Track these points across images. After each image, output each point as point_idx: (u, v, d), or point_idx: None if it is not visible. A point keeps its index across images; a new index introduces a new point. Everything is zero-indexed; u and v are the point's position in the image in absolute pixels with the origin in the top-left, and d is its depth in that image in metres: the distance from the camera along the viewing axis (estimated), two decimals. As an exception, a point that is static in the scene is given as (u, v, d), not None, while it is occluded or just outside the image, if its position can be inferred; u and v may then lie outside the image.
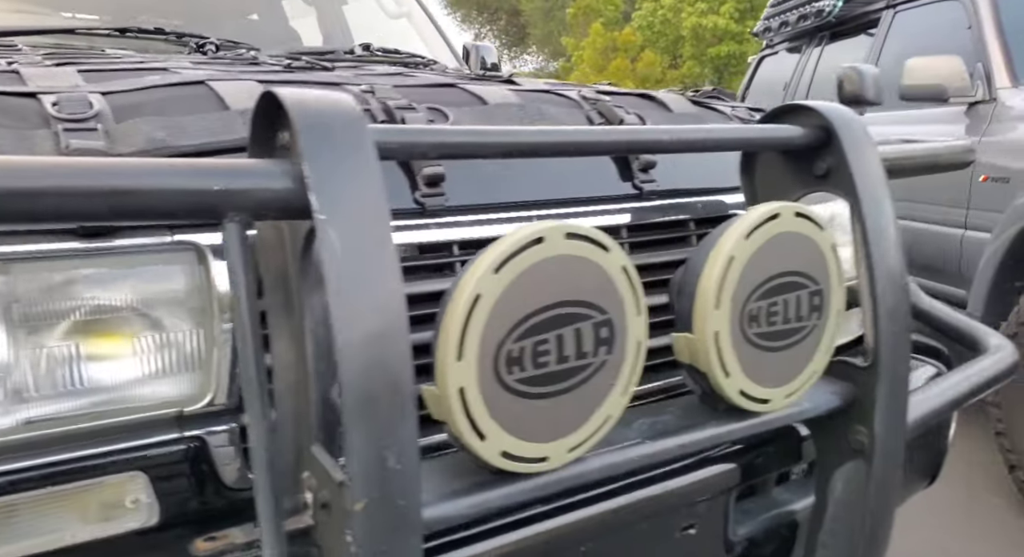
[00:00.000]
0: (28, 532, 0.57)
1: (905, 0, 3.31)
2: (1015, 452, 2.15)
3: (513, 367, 0.58)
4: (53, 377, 0.58)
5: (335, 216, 0.49)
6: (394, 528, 0.51)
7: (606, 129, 0.79)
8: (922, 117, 2.88)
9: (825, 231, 0.78)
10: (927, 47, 3.02)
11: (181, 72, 0.81)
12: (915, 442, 1.13)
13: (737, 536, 0.89)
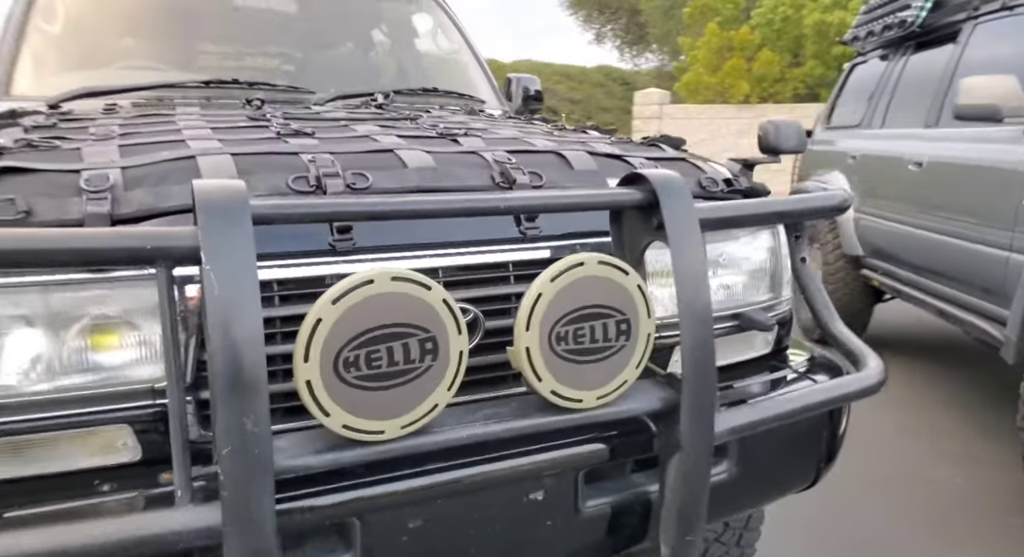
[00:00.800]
0: (56, 457, 0.90)
1: (986, 12, 3.15)
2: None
3: (350, 367, 0.83)
4: (72, 361, 0.91)
5: (214, 263, 0.76)
6: (250, 469, 0.78)
7: (468, 197, 0.99)
8: (979, 136, 2.77)
9: (630, 274, 0.96)
10: (1003, 60, 2.89)
11: (191, 145, 1.12)
12: (770, 445, 1.26)
13: (586, 506, 1.08)
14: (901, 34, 3.73)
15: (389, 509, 0.96)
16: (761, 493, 1.38)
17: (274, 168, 1.04)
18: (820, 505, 2.17)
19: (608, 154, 1.33)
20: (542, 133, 1.58)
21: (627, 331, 0.97)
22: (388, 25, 2.57)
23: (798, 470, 1.38)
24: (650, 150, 1.44)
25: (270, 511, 0.78)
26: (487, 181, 1.14)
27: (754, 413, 1.10)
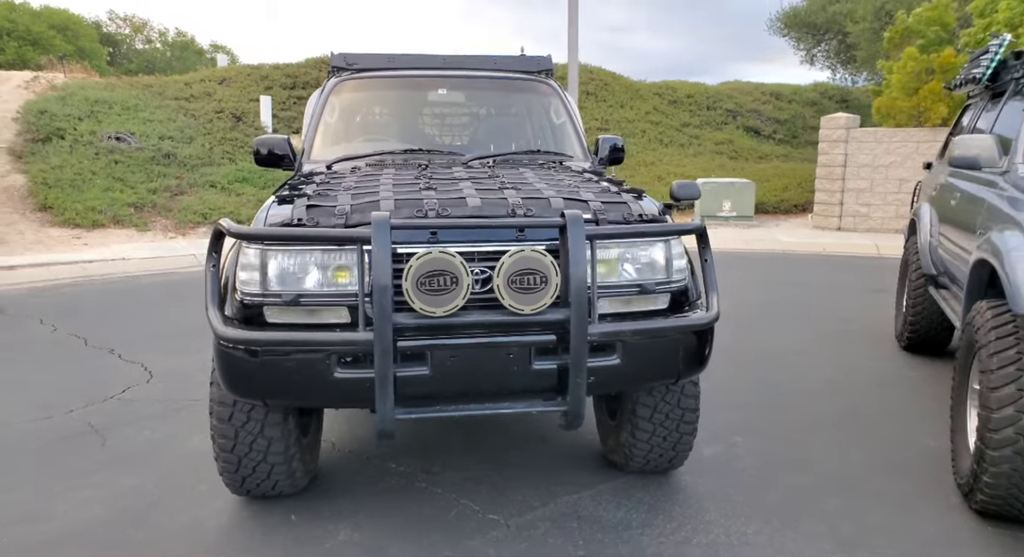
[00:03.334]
0: (324, 316, 2.21)
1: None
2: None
3: (422, 285, 1.99)
4: (332, 280, 2.20)
5: (375, 245, 1.99)
6: (383, 320, 1.98)
7: (486, 221, 2.14)
8: (970, 177, 3.25)
9: (547, 256, 2.01)
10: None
11: (379, 192, 2.37)
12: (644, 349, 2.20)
13: (534, 365, 2.12)
14: (976, 86, 4.03)
15: (441, 349, 2.12)
16: (640, 378, 2.34)
17: (410, 205, 2.25)
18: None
19: (576, 199, 2.36)
20: (573, 183, 2.64)
21: (544, 280, 2.03)
22: (520, 107, 3.77)
23: (664, 368, 2.30)
24: (612, 196, 2.43)
25: (391, 339, 1.97)
26: (505, 212, 2.25)
27: (617, 326, 2.10)
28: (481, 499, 2.68)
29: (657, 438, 2.68)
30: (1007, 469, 2.31)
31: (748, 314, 5.95)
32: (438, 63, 3.82)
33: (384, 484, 2.82)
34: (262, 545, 2.38)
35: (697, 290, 2.46)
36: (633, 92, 21.10)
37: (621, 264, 2.30)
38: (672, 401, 2.62)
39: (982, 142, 3.11)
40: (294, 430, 2.47)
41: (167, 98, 15.84)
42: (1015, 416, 2.27)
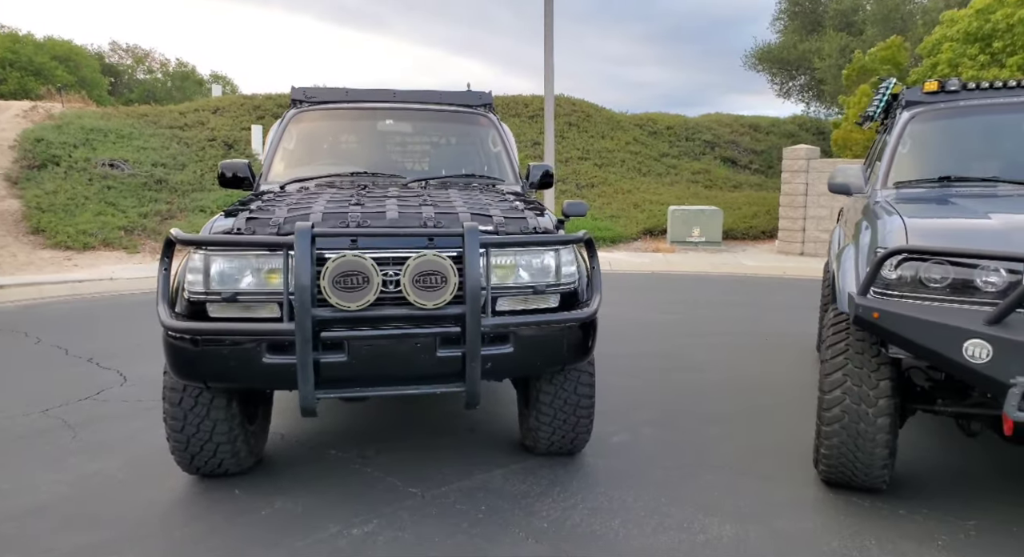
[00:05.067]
0: (259, 312, 2.57)
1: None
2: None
3: (338, 283, 2.37)
4: (265, 282, 2.57)
5: (296, 250, 2.37)
6: (303, 313, 2.34)
7: (400, 230, 2.53)
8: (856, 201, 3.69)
9: (446, 259, 2.39)
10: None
11: (312, 207, 2.76)
12: (533, 340, 2.57)
13: (439, 353, 2.48)
14: (872, 122, 4.49)
15: (356, 339, 2.48)
16: (531, 365, 2.70)
17: (336, 218, 2.64)
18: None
19: (482, 214, 2.75)
20: (489, 202, 3.03)
21: (444, 280, 2.41)
22: (460, 136, 4.20)
23: (551, 357, 2.66)
24: (515, 213, 2.82)
25: (310, 329, 2.33)
26: (418, 224, 2.64)
27: (506, 320, 2.47)
28: (405, 477, 3.01)
29: (558, 422, 3.03)
30: (837, 442, 2.68)
31: (692, 329, 6.33)
32: (388, 97, 4.25)
33: (322, 465, 3.15)
34: (207, 514, 2.70)
35: (589, 291, 2.84)
36: (615, 123, 21.79)
37: (517, 269, 2.68)
38: (569, 389, 2.97)
39: (851, 171, 3.55)
40: (238, 414, 2.81)
41: (161, 127, 16.33)
42: (841, 397, 2.64)
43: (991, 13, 11.27)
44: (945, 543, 2.49)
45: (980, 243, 2.35)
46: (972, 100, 3.66)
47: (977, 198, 3.00)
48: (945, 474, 3.11)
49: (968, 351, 2.21)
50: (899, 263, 2.46)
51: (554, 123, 20.44)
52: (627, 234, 15.43)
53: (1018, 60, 10.77)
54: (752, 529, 2.59)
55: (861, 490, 2.86)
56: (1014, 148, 3.43)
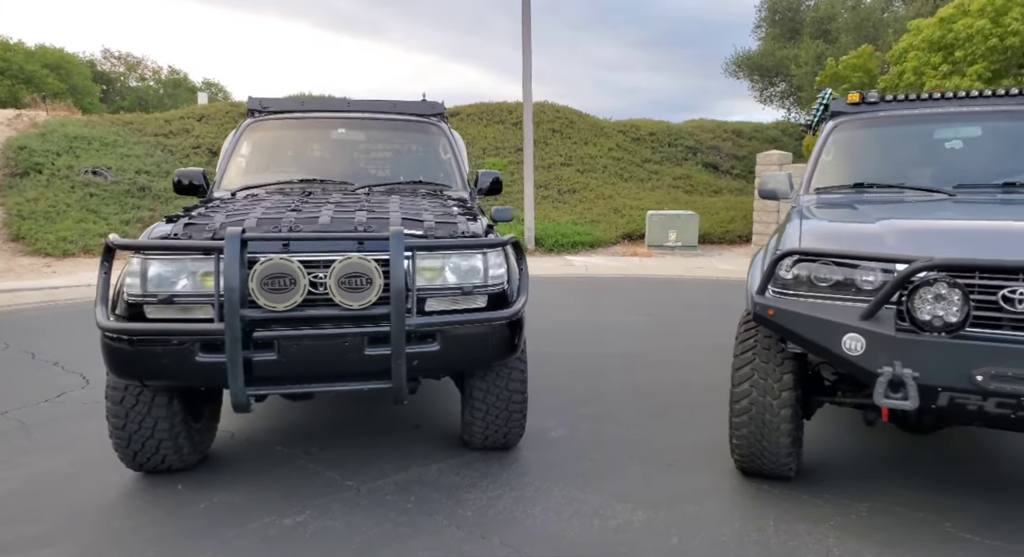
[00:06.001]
0: (194, 313, 2.70)
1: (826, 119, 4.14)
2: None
3: (266, 285, 2.51)
4: (199, 284, 2.70)
5: (226, 254, 2.51)
6: (232, 312, 2.48)
7: (329, 233, 2.67)
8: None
9: (371, 262, 2.53)
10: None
11: (249, 213, 2.90)
12: (460, 338, 2.71)
13: (367, 352, 2.62)
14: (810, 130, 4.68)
15: (286, 338, 2.61)
16: (458, 362, 2.84)
17: (270, 223, 2.78)
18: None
19: (414, 219, 2.90)
20: (427, 207, 3.18)
21: (370, 282, 2.55)
22: (411, 144, 4.35)
23: (476, 354, 2.81)
24: (448, 218, 2.97)
25: (239, 328, 2.47)
26: (350, 229, 2.78)
27: (430, 319, 2.62)
28: (345, 471, 3.14)
29: (490, 417, 3.17)
30: (746, 432, 2.83)
31: (657, 331, 6.49)
32: (343, 106, 4.40)
33: (266, 461, 3.27)
34: (148, 507, 2.82)
35: (519, 291, 2.98)
36: (598, 130, 22.03)
37: (445, 271, 2.82)
38: (501, 385, 3.11)
39: (779, 177, 3.73)
40: (180, 412, 2.93)
41: (146, 134, 16.41)
42: (748, 390, 2.80)
43: (953, 23, 11.56)
44: (837, 523, 2.65)
45: (861, 245, 2.52)
46: (890, 111, 3.84)
47: (878, 204, 3.17)
48: (851, 461, 3.27)
49: (846, 344, 2.37)
50: (794, 264, 2.62)
51: (538, 130, 20.68)
52: (606, 239, 15.62)
53: (978, 69, 11.05)
54: (662, 515, 2.74)
55: (771, 478, 3.01)
56: (923, 157, 3.61)
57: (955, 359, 2.22)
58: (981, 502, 2.83)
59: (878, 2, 21.18)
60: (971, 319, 2.25)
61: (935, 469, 3.20)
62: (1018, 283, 2.22)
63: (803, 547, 2.48)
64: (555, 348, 5.70)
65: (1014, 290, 2.22)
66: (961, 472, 3.16)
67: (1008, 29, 10.82)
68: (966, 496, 2.89)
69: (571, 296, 8.81)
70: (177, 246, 2.57)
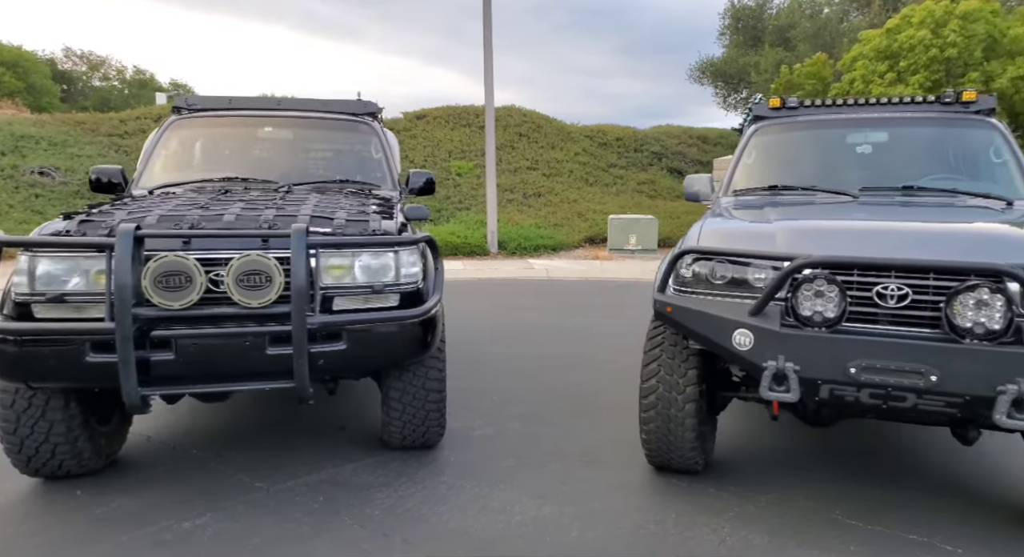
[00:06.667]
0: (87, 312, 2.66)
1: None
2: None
3: (160, 283, 2.49)
4: (94, 282, 2.66)
5: (117, 251, 2.47)
6: (123, 312, 2.44)
7: (230, 231, 2.66)
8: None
9: (270, 259, 2.53)
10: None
11: (153, 210, 2.87)
12: (369, 337, 2.71)
13: (268, 351, 2.60)
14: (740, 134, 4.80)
15: (184, 337, 2.58)
16: (367, 362, 2.84)
17: (172, 220, 2.75)
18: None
19: (324, 217, 2.90)
20: (344, 205, 3.17)
21: (269, 280, 2.54)
22: (341, 144, 4.35)
23: (386, 353, 2.81)
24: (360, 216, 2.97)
25: (130, 327, 2.44)
26: (255, 227, 2.76)
27: (333, 318, 2.62)
28: (257, 473, 3.11)
29: (407, 416, 3.18)
30: (653, 427, 2.89)
31: (605, 331, 6.55)
32: (273, 105, 4.38)
33: (179, 465, 3.23)
34: (42, 513, 2.76)
35: (433, 290, 2.99)
36: (565, 134, 22.20)
37: (354, 269, 2.82)
38: (418, 384, 3.12)
39: (702, 180, 3.81)
40: (78, 415, 2.87)
41: (100, 135, 16.05)
42: (655, 386, 2.86)
43: (898, 33, 11.94)
44: (735, 514, 2.71)
45: (753, 244, 2.60)
46: (807, 116, 3.96)
47: (786, 206, 3.27)
48: (759, 455, 3.36)
49: (736, 340, 2.44)
50: (693, 262, 2.69)
51: (505, 133, 20.75)
52: (569, 242, 15.74)
53: (919, 78, 11.43)
54: (568, 510, 2.77)
55: (681, 472, 3.08)
56: (835, 160, 3.73)
57: (833, 353, 2.30)
58: (871, 490, 2.93)
59: (836, 12, 21.78)
60: (848, 314, 2.34)
61: (836, 460, 3.30)
62: (890, 280, 2.31)
63: (697, 537, 2.54)
64: (501, 349, 5.73)
65: (887, 287, 2.31)
66: (858, 462, 3.27)
67: (947, 40, 11.22)
68: (859, 485, 2.99)
69: (528, 298, 8.86)
70: (66, 243, 2.53)
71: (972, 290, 2.15)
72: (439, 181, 18.84)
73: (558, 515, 2.73)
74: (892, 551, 2.44)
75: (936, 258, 2.28)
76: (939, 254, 2.31)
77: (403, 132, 20.65)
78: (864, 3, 20.86)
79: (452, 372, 4.94)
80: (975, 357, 2.13)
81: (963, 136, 3.62)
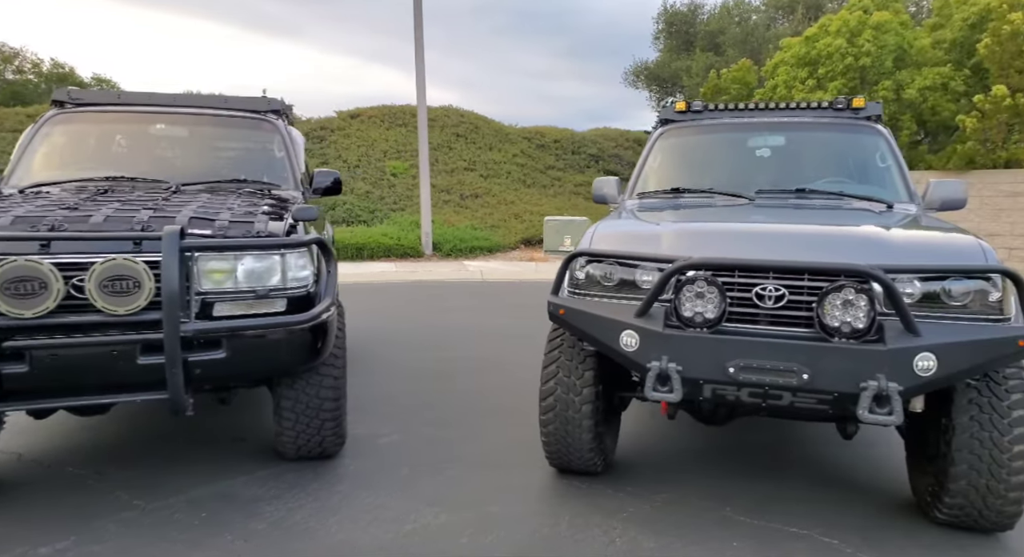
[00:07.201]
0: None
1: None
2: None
3: (9, 289, 2.30)
4: None
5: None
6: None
7: (101, 234, 2.49)
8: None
9: (139, 264, 2.38)
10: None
11: (14, 209, 2.67)
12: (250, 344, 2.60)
13: (140, 361, 2.46)
14: None
15: (39, 348, 2.40)
16: (252, 370, 2.73)
17: (29, 221, 2.56)
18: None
19: (205, 218, 2.76)
20: (231, 206, 3.03)
21: (138, 285, 2.39)
22: (241, 142, 4.18)
23: (273, 362, 2.71)
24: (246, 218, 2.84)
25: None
26: (127, 229, 2.60)
27: (211, 324, 2.49)
28: (137, 490, 2.94)
29: (301, 426, 3.07)
30: (552, 429, 2.89)
31: (528, 332, 6.56)
32: (167, 101, 4.16)
33: (52, 483, 3.01)
34: None
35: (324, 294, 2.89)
36: (503, 136, 22.23)
37: (236, 273, 2.70)
38: (311, 393, 3.02)
39: (609, 183, 3.86)
40: None
41: (3, 130, 15.03)
42: (554, 387, 2.86)
43: (817, 41, 12.50)
44: (629, 515, 2.74)
45: (640, 246, 2.63)
46: (712, 120, 4.07)
47: (684, 208, 3.34)
48: (660, 455, 3.42)
49: (623, 341, 2.46)
50: (586, 264, 2.70)
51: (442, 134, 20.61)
52: (505, 244, 15.77)
53: (837, 85, 12.00)
54: (464, 516, 2.74)
55: (582, 473, 3.09)
56: (735, 163, 3.84)
57: (713, 353, 2.35)
58: (762, 486, 3.03)
59: (763, 19, 22.66)
60: (729, 315, 2.39)
61: (733, 457, 3.39)
62: (768, 281, 2.38)
63: (589, 539, 2.55)
64: (421, 353, 5.65)
65: (765, 288, 2.38)
66: (753, 459, 3.38)
67: (862, 49, 11.83)
68: (751, 481, 3.08)
69: (459, 301, 8.80)
70: None
71: (839, 290, 2.23)
72: (373, 181, 18.59)
73: (453, 522, 2.69)
74: (773, 545, 2.52)
75: (812, 260, 2.36)
76: (815, 256, 2.40)
77: (337, 131, 20.23)
78: (789, 11, 21.80)
79: (367, 377, 4.84)
80: (841, 355, 2.22)
81: (853, 141, 3.79)
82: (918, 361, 2.15)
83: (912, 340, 2.17)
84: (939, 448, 2.50)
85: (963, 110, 11.36)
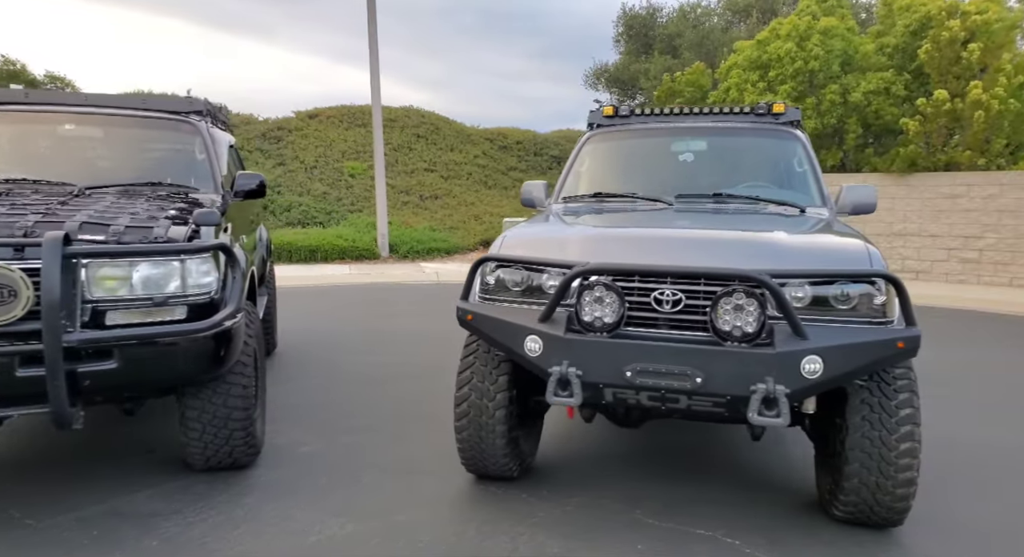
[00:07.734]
0: None
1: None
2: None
3: None
4: None
5: None
6: None
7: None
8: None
9: (15, 271, 2.28)
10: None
11: None
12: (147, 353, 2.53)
13: (19, 373, 2.36)
14: None
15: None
16: (149, 381, 2.65)
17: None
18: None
19: (100, 223, 2.67)
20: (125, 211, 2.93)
21: (14, 294, 2.30)
22: (159, 144, 4.07)
23: (171, 372, 2.64)
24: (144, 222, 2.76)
25: None
26: (8, 235, 2.50)
27: (97, 334, 2.41)
28: (30, 507, 2.82)
29: (208, 437, 2.99)
30: (467, 435, 2.88)
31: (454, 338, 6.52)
32: (79, 100, 4.02)
33: (-61, 503, 2.88)
34: None
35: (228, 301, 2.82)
36: (464, 137, 22.16)
37: (131, 280, 2.61)
38: (218, 402, 2.94)
39: (536, 186, 3.87)
40: None
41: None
42: (468, 393, 2.85)
43: (768, 45, 12.77)
44: (539, 520, 2.74)
45: (545, 252, 2.64)
46: (638, 124, 4.11)
47: (604, 213, 3.37)
48: (578, 458, 3.44)
49: (527, 346, 2.46)
50: (495, 269, 2.69)
51: (402, 134, 20.46)
52: (464, 245, 15.73)
53: (787, 88, 12.28)
54: (370, 525, 2.70)
55: (498, 479, 3.08)
56: (658, 168, 3.89)
57: (611, 357, 2.36)
58: (675, 488, 3.06)
59: (719, 23, 23.06)
60: (629, 319, 2.41)
61: (650, 460, 3.43)
62: (667, 286, 2.40)
63: (493, 546, 2.54)
64: (358, 357, 5.58)
65: (663, 292, 2.40)
66: (670, 461, 3.42)
67: (810, 53, 12.12)
68: (664, 483, 3.11)
69: (409, 304, 8.73)
70: None
71: (731, 295, 2.26)
72: (331, 182, 18.33)
73: (359, 532, 2.65)
74: (677, 547, 2.54)
75: (708, 265, 2.39)
76: (713, 261, 2.43)
77: (295, 131, 19.90)
78: (744, 14, 22.25)
79: (298, 383, 4.76)
80: (732, 359, 2.25)
81: (773, 146, 3.87)
82: (805, 364, 2.20)
83: (799, 343, 2.21)
84: (835, 447, 2.55)
85: (906, 114, 11.73)
